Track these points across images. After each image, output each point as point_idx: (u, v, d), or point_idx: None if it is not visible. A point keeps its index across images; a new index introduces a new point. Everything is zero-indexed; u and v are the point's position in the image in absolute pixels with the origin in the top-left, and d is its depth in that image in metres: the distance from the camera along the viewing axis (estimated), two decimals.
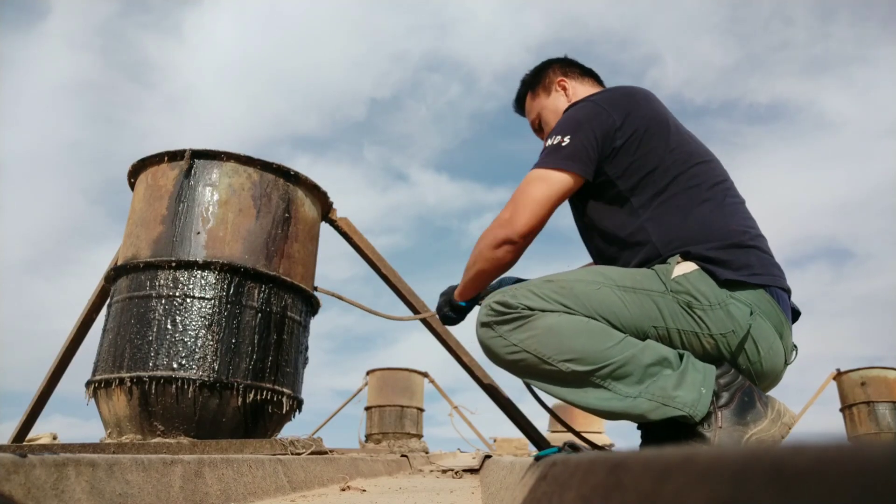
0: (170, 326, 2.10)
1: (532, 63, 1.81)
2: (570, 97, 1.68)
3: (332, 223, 2.73)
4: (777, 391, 1.33)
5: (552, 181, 1.33)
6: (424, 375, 7.31)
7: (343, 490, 1.67)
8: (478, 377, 2.53)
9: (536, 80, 1.75)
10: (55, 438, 4.05)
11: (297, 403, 2.41)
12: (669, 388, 1.16)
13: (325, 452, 2.19)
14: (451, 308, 1.56)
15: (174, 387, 2.02)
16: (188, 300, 2.13)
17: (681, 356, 1.20)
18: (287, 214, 2.40)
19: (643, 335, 1.23)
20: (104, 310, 2.40)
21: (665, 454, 0.35)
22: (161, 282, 2.16)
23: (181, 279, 2.15)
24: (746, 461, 0.26)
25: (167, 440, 1.95)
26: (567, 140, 1.35)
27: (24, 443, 3.05)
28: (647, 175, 1.35)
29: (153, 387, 2.02)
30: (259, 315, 2.23)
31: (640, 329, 1.22)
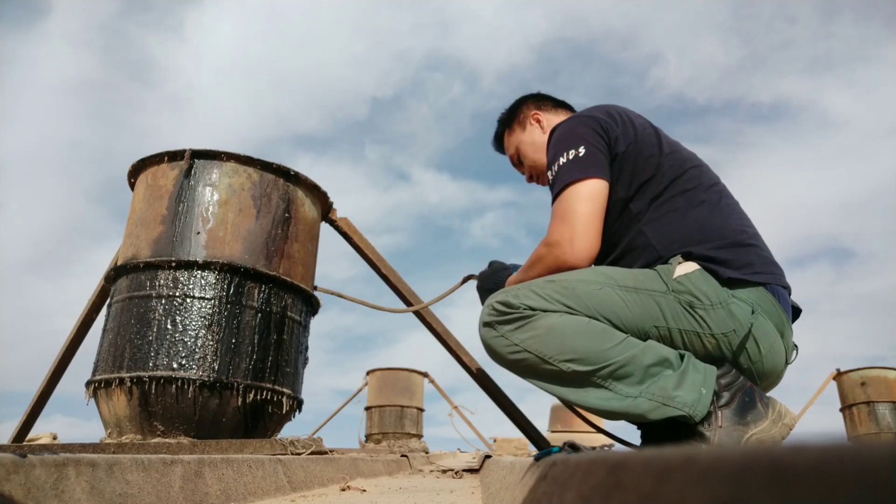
0: (170, 326, 2.10)
1: (534, 61, 1.87)
2: (545, 129, 1.72)
3: (332, 223, 2.73)
4: (777, 391, 1.33)
5: (594, 193, 1.33)
6: (424, 375, 7.31)
7: (343, 490, 1.67)
8: (468, 366, 2.53)
9: (511, 117, 1.80)
10: (55, 438, 4.05)
11: (297, 403, 2.41)
12: (670, 389, 1.16)
13: (325, 452, 2.19)
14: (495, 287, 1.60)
15: (174, 387, 2.02)
16: (188, 300, 2.13)
17: (681, 356, 1.20)
18: (287, 214, 2.40)
19: (644, 335, 1.23)
20: (104, 310, 2.39)
21: (665, 454, 0.35)
22: (161, 282, 2.16)
23: (181, 279, 2.15)
24: (746, 461, 0.26)
25: (167, 440, 1.95)
26: (582, 150, 1.36)
27: (24, 443, 3.05)
28: (646, 182, 1.37)
29: (153, 387, 2.02)
30: (259, 315, 2.23)
31: (642, 329, 1.23)
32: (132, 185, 2.51)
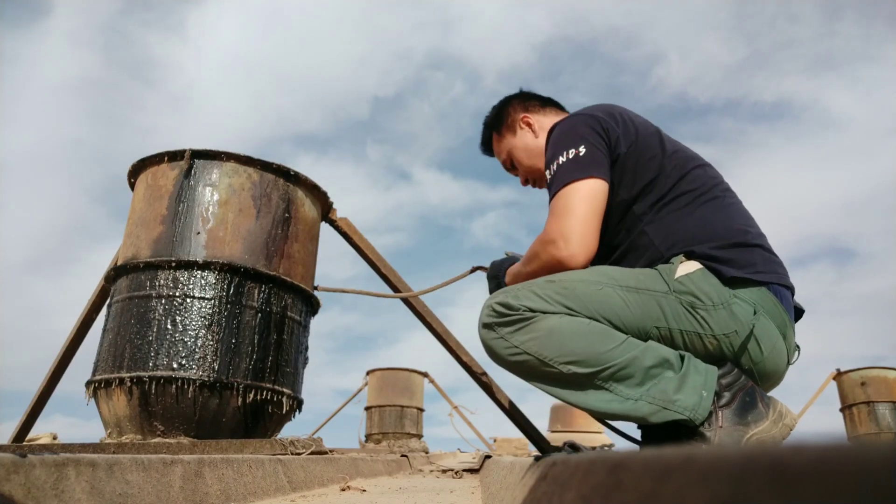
0: (170, 326, 2.10)
1: (536, 60, 1.85)
2: (537, 132, 1.68)
3: (332, 223, 2.73)
4: (777, 391, 1.33)
5: (594, 192, 1.31)
6: (424, 375, 7.31)
7: (343, 490, 1.67)
8: (465, 362, 2.53)
9: (499, 121, 1.76)
10: (55, 438, 4.05)
11: (297, 403, 2.41)
12: (670, 392, 1.15)
13: (325, 452, 2.19)
14: (498, 285, 1.60)
15: (174, 387, 2.02)
16: (188, 300, 2.13)
17: (682, 357, 1.20)
18: (287, 214, 2.40)
19: (645, 335, 1.22)
20: (104, 310, 2.39)
21: (665, 454, 0.35)
22: (161, 282, 2.16)
23: (181, 279, 2.15)
24: (746, 461, 0.26)
25: (167, 440, 1.95)
26: (583, 150, 1.34)
27: (24, 443, 3.05)
28: (650, 182, 1.35)
29: (153, 387, 2.02)
30: (259, 315, 2.23)
31: (643, 329, 1.22)
32: (132, 186, 2.51)
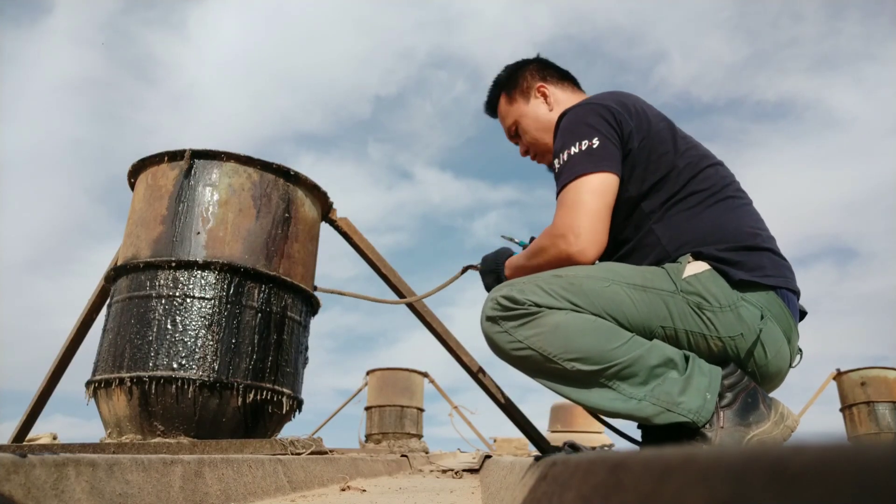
0: (170, 326, 2.10)
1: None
2: (552, 105, 1.61)
3: (332, 223, 2.73)
4: (777, 391, 1.32)
5: (605, 187, 1.28)
6: (424, 375, 7.30)
7: (343, 490, 1.67)
8: (465, 363, 2.53)
9: (512, 83, 1.67)
10: (55, 438, 4.05)
11: (298, 403, 2.41)
12: (675, 394, 1.14)
13: (325, 452, 2.19)
14: (496, 279, 1.53)
15: (174, 387, 2.02)
16: (188, 300, 2.13)
17: (686, 357, 1.19)
18: (287, 214, 2.40)
19: (650, 334, 1.21)
20: (104, 310, 2.39)
21: (665, 454, 0.35)
22: (161, 282, 2.16)
23: (181, 279, 2.15)
24: (747, 461, 0.26)
25: (167, 440, 1.95)
26: (596, 142, 1.31)
27: (24, 443, 3.05)
28: (661, 180, 1.33)
29: (153, 387, 2.02)
30: (259, 315, 2.23)
31: (648, 328, 1.21)
32: (132, 185, 2.51)
